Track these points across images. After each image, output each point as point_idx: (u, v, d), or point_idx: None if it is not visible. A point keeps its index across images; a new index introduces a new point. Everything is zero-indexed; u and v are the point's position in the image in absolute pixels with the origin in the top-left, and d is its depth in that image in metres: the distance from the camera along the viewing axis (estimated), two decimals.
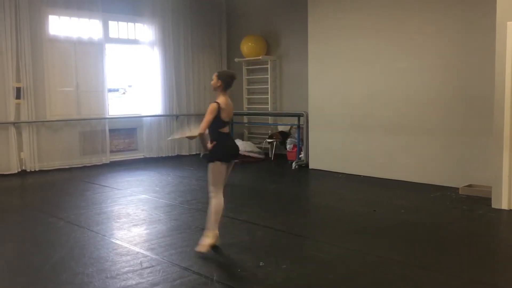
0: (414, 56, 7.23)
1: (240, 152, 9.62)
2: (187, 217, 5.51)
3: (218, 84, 4.41)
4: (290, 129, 9.95)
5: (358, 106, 8.05)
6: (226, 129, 4.45)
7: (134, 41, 10.16)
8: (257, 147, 10.31)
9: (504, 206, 5.59)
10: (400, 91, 7.44)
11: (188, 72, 10.79)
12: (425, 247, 4.43)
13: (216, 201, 4.32)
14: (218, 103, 4.34)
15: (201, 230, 4.95)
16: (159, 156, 10.29)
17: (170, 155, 10.45)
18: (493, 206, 5.67)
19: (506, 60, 5.47)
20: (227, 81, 4.41)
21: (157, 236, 4.79)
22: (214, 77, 4.44)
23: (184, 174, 8.43)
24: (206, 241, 4.23)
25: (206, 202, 6.14)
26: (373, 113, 7.83)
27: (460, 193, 6.40)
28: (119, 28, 9.96)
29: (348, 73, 8.17)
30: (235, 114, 11.08)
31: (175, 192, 6.93)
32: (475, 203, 5.90)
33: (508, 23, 5.45)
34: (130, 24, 10.10)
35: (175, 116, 10.60)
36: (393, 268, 3.89)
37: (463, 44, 6.69)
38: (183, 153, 10.70)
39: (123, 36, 10.03)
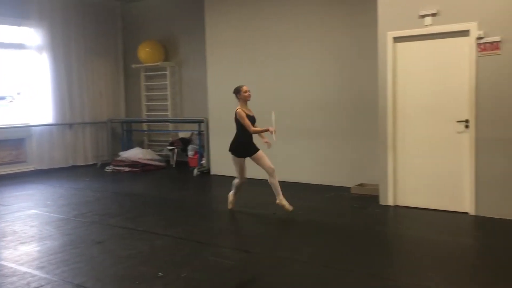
0: (309, 63, 7.55)
1: (140, 160, 9.50)
2: (81, 231, 5.23)
3: None
4: (191, 135, 9.89)
5: (256, 112, 8.18)
6: None
7: (20, 46, 9.45)
8: (158, 154, 10.11)
9: (390, 202, 6.04)
10: (297, 96, 7.74)
11: (82, 79, 10.29)
12: (322, 245, 4.63)
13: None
14: None
15: (97, 243, 4.75)
16: (52, 167, 9.67)
17: (63, 166, 9.87)
18: (380, 203, 6.10)
19: (387, 67, 5.93)
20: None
21: (47, 253, 4.49)
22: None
23: (79, 185, 8.01)
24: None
25: (102, 214, 5.95)
26: (270, 118, 8.02)
27: (352, 192, 6.80)
28: (1, 31, 9.21)
29: (246, 78, 8.27)
30: (134, 122, 10.85)
31: (69, 205, 6.56)
32: (365, 201, 6.30)
33: (388, 32, 5.91)
34: (14, 27, 9.39)
35: (69, 125, 10.04)
36: (295, 268, 4.01)
37: (353, 52, 7.13)
38: (78, 164, 10.17)
39: (6, 40, 9.30)
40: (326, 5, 7.32)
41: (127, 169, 9.39)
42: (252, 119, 5.89)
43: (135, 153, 9.75)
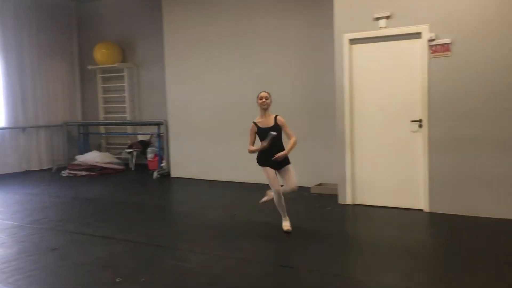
0: (268, 64, 7.61)
1: (97, 164, 9.30)
2: (36, 237, 5.07)
3: None
4: (151, 138, 9.77)
5: (217, 113, 8.21)
6: None
7: None
8: (116, 157, 9.93)
9: (349, 201, 6.15)
10: (255, 97, 7.74)
11: (35, 80, 9.98)
12: (282, 245, 4.66)
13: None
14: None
15: (53, 250, 4.61)
16: (5, 173, 9.35)
17: (17, 171, 9.55)
18: (339, 202, 6.21)
19: (344, 68, 6.05)
20: None
21: (0, 262, 4.32)
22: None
23: (34, 191, 7.76)
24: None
25: (59, 220, 5.79)
26: (231, 119, 8.04)
27: (312, 192, 6.89)
28: None
29: (205, 80, 8.28)
30: (91, 124, 10.61)
31: (23, 211, 6.34)
32: (324, 200, 6.39)
33: (344, 34, 6.03)
34: None
35: (22, 129, 9.71)
36: (255, 269, 4.02)
37: (311, 54, 7.23)
38: (33, 168, 9.85)
39: None
40: (285, 7, 7.39)
41: (84, 173, 9.17)
42: (267, 131, 5.10)
43: (92, 157, 9.54)
